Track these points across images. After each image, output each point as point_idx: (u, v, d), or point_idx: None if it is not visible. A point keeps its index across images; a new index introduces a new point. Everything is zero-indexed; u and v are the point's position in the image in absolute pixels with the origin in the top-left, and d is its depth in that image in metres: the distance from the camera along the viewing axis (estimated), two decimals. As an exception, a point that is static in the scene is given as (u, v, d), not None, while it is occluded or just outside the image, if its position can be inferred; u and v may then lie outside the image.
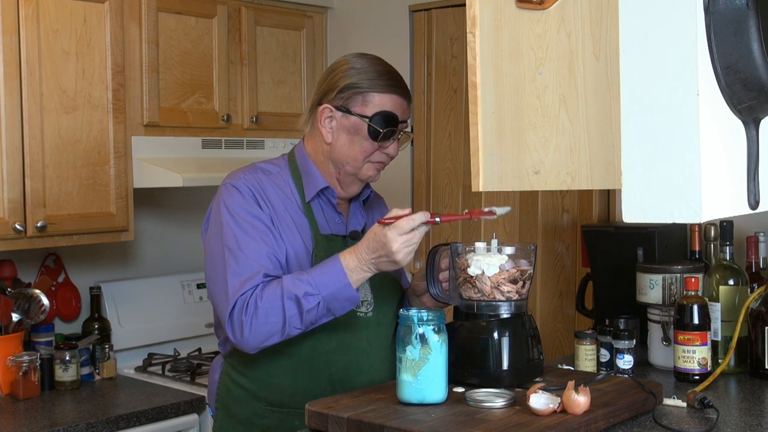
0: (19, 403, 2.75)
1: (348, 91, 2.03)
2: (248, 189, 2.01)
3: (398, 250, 1.83)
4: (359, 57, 2.10)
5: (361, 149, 2.04)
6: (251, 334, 1.90)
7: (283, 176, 2.09)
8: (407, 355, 1.77)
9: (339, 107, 2.04)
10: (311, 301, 1.87)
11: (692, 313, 2.24)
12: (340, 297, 1.88)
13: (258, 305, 1.89)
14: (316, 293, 1.87)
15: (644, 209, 1.38)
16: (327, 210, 2.10)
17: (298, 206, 2.06)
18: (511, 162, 1.60)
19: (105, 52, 2.92)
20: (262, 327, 1.89)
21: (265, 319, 1.88)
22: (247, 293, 1.91)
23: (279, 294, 1.88)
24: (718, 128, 1.38)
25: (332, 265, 1.89)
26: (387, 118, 2.03)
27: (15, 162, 2.71)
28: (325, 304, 1.88)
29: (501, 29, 1.59)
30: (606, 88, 1.48)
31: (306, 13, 3.65)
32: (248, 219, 1.98)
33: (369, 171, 2.08)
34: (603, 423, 1.74)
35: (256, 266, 1.93)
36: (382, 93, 2.03)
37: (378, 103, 2.03)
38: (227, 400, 2.09)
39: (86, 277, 3.27)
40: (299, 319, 1.88)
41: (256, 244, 1.96)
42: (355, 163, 2.05)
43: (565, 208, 3.20)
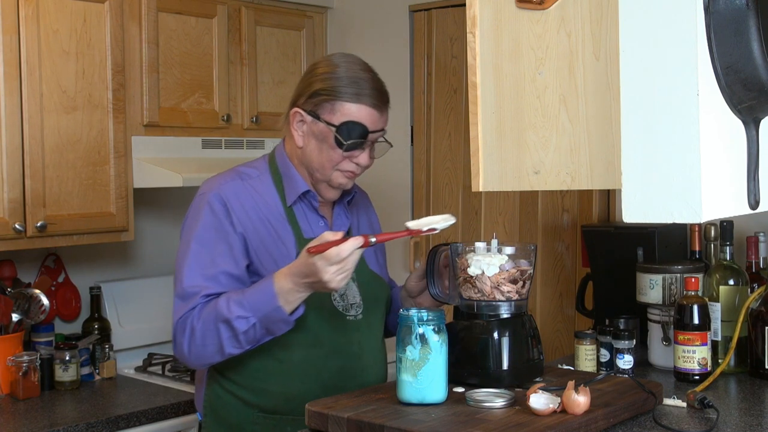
0: (19, 403, 2.75)
1: (318, 97, 1.98)
2: (221, 202, 1.97)
3: (330, 280, 1.78)
4: (339, 59, 2.03)
5: (329, 158, 1.99)
6: (191, 355, 1.93)
7: (263, 180, 2.05)
8: (407, 355, 1.77)
9: (309, 112, 1.99)
10: (243, 324, 1.86)
11: (692, 313, 2.24)
12: (274, 319, 1.86)
13: (195, 328, 1.90)
14: (249, 316, 1.86)
15: (644, 209, 1.38)
16: (309, 214, 2.06)
17: (280, 211, 2.02)
18: (511, 162, 1.60)
19: (105, 52, 2.92)
20: (200, 349, 1.91)
21: (202, 341, 1.90)
22: (185, 315, 1.92)
23: (213, 317, 1.88)
24: (718, 128, 1.38)
25: (265, 286, 1.86)
26: (354, 129, 1.96)
27: (15, 162, 2.71)
28: (262, 326, 1.87)
29: (501, 29, 1.59)
30: (606, 88, 1.48)
31: (306, 13, 3.65)
32: (206, 235, 1.96)
33: (339, 179, 2.02)
34: (603, 423, 1.74)
35: (196, 288, 1.93)
36: (351, 102, 1.96)
37: (346, 113, 1.96)
38: (216, 405, 2.06)
39: (86, 277, 3.27)
40: (236, 341, 1.88)
41: (203, 264, 1.94)
42: (324, 171, 2.00)
43: (565, 208, 3.20)
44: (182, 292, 1.95)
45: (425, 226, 1.81)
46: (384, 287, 2.16)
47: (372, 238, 1.80)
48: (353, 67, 2.00)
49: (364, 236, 1.80)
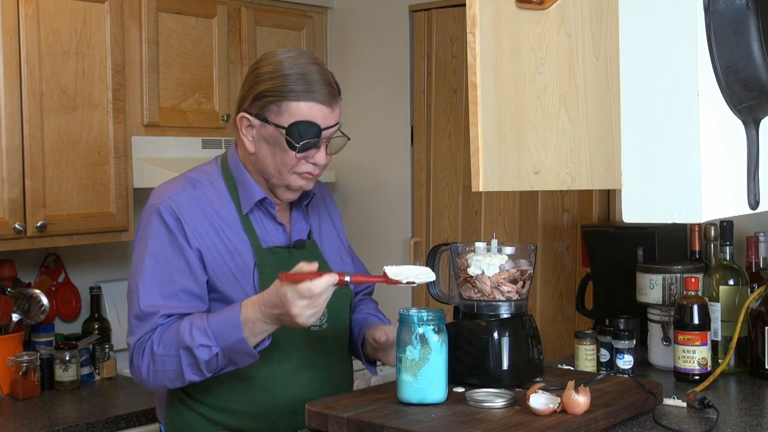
0: (19, 403, 2.75)
1: (263, 99, 1.86)
2: (172, 214, 1.86)
3: (299, 314, 1.68)
4: (282, 54, 1.90)
5: (283, 161, 1.87)
6: (149, 378, 1.84)
7: (216, 187, 1.94)
8: (407, 355, 1.76)
9: (256, 115, 1.87)
10: (205, 353, 1.76)
11: (692, 313, 2.24)
12: (238, 351, 1.76)
13: (155, 351, 1.81)
14: (212, 345, 1.76)
15: (644, 209, 1.38)
16: (266, 221, 1.95)
17: (235, 220, 1.91)
18: (511, 162, 1.60)
19: (105, 52, 2.92)
20: (160, 374, 1.82)
21: (162, 367, 1.81)
22: (144, 337, 1.83)
23: (174, 343, 1.79)
24: (718, 128, 1.38)
25: (231, 315, 1.77)
26: (305, 128, 1.84)
27: (15, 162, 2.71)
28: (224, 356, 1.77)
29: (501, 29, 1.59)
30: (606, 88, 1.48)
31: (306, 13, 3.65)
32: (161, 251, 1.85)
33: (298, 181, 1.91)
34: (603, 423, 1.74)
35: (154, 308, 1.83)
36: (299, 101, 1.84)
37: (294, 112, 1.84)
38: (178, 422, 1.97)
39: (86, 277, 3.27)
40: (196, 369, 1.79)
41: (160, 282, 1.84)
42: (280, 175, 1.89)
43: (565, 208, 3.20)
44: (139, 313, 1.84)
45: (405, 278, 1.73)
46: (348, 292, 2.05)
47: (347, 277, 1.72)
48: (297, 61, 1.87)
49: (339, 274, 1.70)
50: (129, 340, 1.88)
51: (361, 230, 3.68)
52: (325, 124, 1.87)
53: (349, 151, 3.75)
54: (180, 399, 1.96)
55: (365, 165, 3.71)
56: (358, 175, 3.71)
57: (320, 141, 1.87)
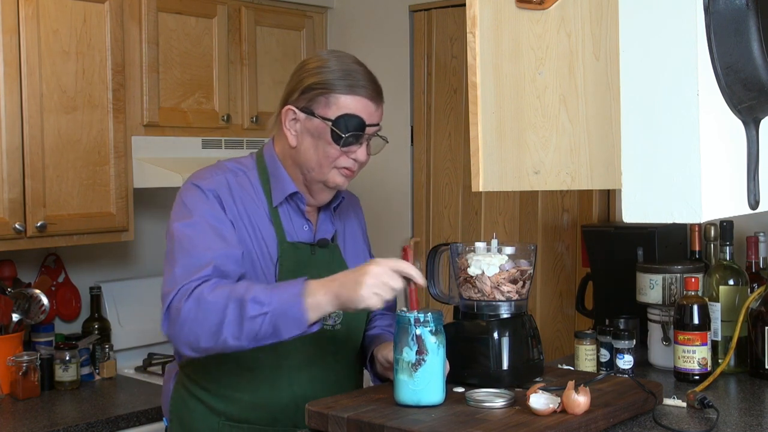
0: (19, 403, 2.75)
1: (311, 92, 1.89)
2: (212, 191, 1.89)
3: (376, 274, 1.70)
4: (329, 54, 1.96)
5: (325, 154, 1.90)
6: (185, 323, 1.75)
7: (250, 178, 1.96)
8: (404, 356, 1.75)
9: (302, 108, 1.91)
10: (256, 308, 1.71)
11: (692, 313, 2.24)
12: (290, 315, 1.71)
13: (204, 295, 1.74)
14: (266, 302, 1.71)
15: (644, 209, 1.38)
16: (294, 216, 1.97)
17: (265, 211, 1.94)
18: (511, 162, 1.60)
19: (105, 52, 2.92)
20: (198, 322, 1.74)
21: (204, 315, 1.73)
22: (192, 283, 1.76)
23: (227, 293, 1.73)
24: (718, 128, 1.38)
25: (294, 281, 1.76)
26: (351, 122, 1.89)
27: (15, 162, 2.71)
28: (272, 320, 1.71)
29: (501, 29, 1.59)
30: (606, 88, 1.48)
31: (306, 13, 3.65)
32: (206, 218, 1.86)
33: (336, 178, 1.94)
34: (603, 423, 1.74)
35: (205, 259, 1.80)
36: (347, 94, 1.89)
37: (342, 105, 1.88)
38: (182, 411, 2.00)
39: (86, 277, 3.27)
40: (238, 327, 1.72)
41: (209, 241, 1.83)
42: (321, 169, 1.92)
43: (565, 208, 3.20)
44: (189, 264, 1.80)
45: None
46: None
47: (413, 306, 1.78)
48: (345, 60, 1.94)
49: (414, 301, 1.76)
50: (169, 287, 1.80)
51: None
52: (370, 121, 1.93)
53: (349, 151, 3.78)
54: (185, 387, 1.99)
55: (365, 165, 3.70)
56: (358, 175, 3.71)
57: (363, 136, 1.92)
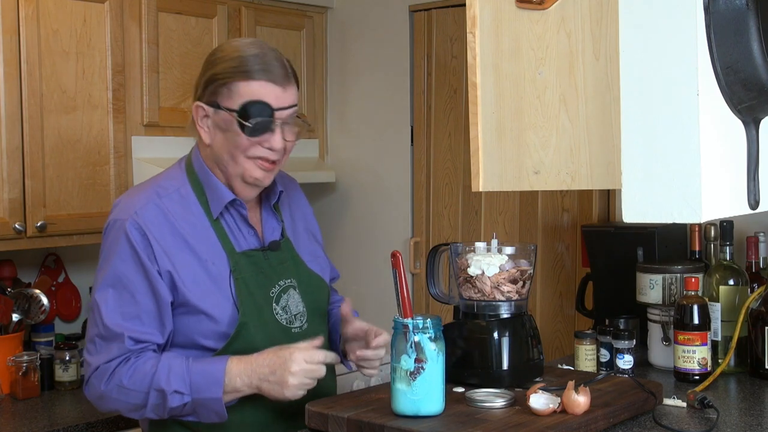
0: (19, 403, 2.75)
1: (213, 84, 1.81)
2: (139, 231, 1.78)
3: (295, 373, 1.72)
4: (234, 42, 1.87)
5: (236, 146, 1.80)
6: (103, 401, 1.81)
7: (182, 193, 1.86)
8: (402, 364, 1.69)
9: (209, 103, 1.82)
10: (177, 400, 1.74)
11: (692, 313, 2.24)
12: (209, 407, 1.75)
13: (122, 383, 1.76)
14: (185, 393, 1.74)
15: (644, 209, 1.38)
16: (238, 224, 1.88)
17: (205, 227, 1.84)
18: (511, 162, 1.60)
19: (105, 52, 2.92)
20: (117, 403, 1.79)
21: (125, 398, 1.77)
22: (111, 363, 1.77)
23: (147, 381, 1.74)
24: (718, 128, 1.38)
25: (214, 372, 1.74)
26: (255, 108, 1.77)
27: (15, 162, 2.71)
28: (192, 407, 1.75)
29: (501, 29, 1.59)
30: (606, 88, 1.48)
31: (306, 13, 3.65)
32: (125, 270, 1.79)
33: (254, 172, 1.83)
34: (603, 423, 1.74)
35: (119, 327, 1.77)
36: (246, 80, 1.78)
37: (243, 93, 1.78)
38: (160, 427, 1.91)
39: (86, 277, 3.27)
40: (161, 410, 1.76)
41: (123, 302, 1.78)
42: (234, 162, 1.82)
43: (565, 208, 3.20)
44: (103, 332, 1.78)
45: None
46: (324, 289, 2.01)
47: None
48: (247, 46, 1.82)
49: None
50: (90, 360, 1.80)
51: (360, 230, 3.68)
52: (278, 104, 1.80)
53: (349, 150, 3.78)
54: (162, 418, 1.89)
55: (365, 165, 3.71)
56: (358, 175, 3.71)
57: (273, 122, 1.80)
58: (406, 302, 1.77)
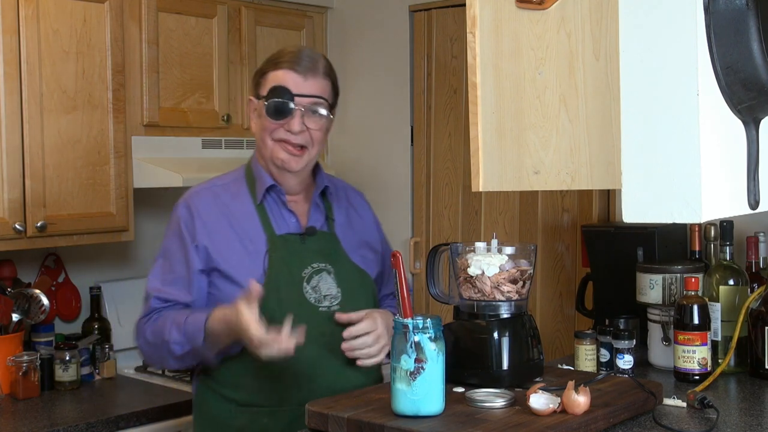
0: (19, 403, 2.75)
1: (255, 78, 2.12)
2: (188, 211, 2.08)
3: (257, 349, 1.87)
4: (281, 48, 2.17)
5: (264, 128, 2.07)
6: (146, 357, 2.17)
7: (237, 185, 2.14)
8: (401, 364, 1.70)
9: (255, 96, 2.12)
10: (178, 349, 2.01)
11: (692, 313, 2.24)
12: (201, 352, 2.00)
13: (147, 338, 2.07)
14: (184, 342, 2.00)
15: (644, 209, 1.38)
16: (279, 209, 2.11)
17: (251, 212, 2.08)
18: (511, 162, 1.60)
19: (105, 52, 2.92)
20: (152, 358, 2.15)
21: (154, 352, 2.08)
22: (142, 320, 2.09)
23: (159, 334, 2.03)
24: (718, 128, 1.38)
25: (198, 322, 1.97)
26: (276, 92, 2.04)
27: (15, 162, 2.71)
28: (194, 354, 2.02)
29: (501, 29, 1.59)
30: (606, 88, 1.48)
31: (306, 13, 3.65)
32: (170, 244, 2.10)
33: (279, 153, 2.06)
34: (603, 423, 1.74)
35: (154, 291, 2.08)
36: (273, 70, 2.07)
37: (269, 80, 2.06)
38: (203, 405, 2.13)
39: (86, 277, 3.27)
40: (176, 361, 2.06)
41: (163, 270, 2.09)
42: (264, 144, 2.08)
43: (565, 208, 3.20)
44: (145, 293, 2.11)
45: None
46: (366, 280, 2.16)
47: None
48: (286, 46, 2.17)
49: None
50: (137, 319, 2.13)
51: (361, 230, 3.67)
52: (297, 91, 2.04)
53: (349, 150, 3.78)
54: (203, 381, 2.12)
55: (365, 165, 3.71)
56: (358, 174, 3.71)
57: (290, 106, 2.03)
58: (406, 302, 1.77)
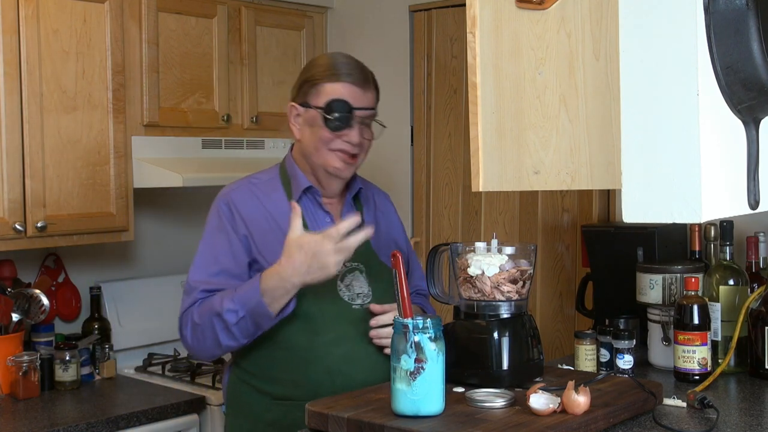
0: (19, 403, 2.75)
1: (305, 86, 2.13)
2: (227, 206, 2.12)
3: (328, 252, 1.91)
4: (323, 54, 2.20)
5: (320, 138, 2.10)
6: (194, 347, 2.09)
7: (272, 184, 2.18)
8: (401, 364, 1.70)
9: (301, 103, 2.13)
10: (233, 316, 1.99)
11: (692, 313, 2.24)
12: (259, 313, 1.98)
13: (195, 321, 2.05)
14: (238, 309, 1.98)
15: (644, 209, 1.38)
16: (314, 210, 2.15)
17: (286, 210, 2.09)
18: (511, 162, 1.60)
19: (105, 52, 2.92)
20: (201, 342, 2.06)
21: (202, 335, 2.04)
22: (188, 310, 2.08)
23: (208, 311, 2.02)
24: (718, 128, 1.38)
25: (252, 281, 2.00)
26: (337, 105, 2.08)
27: (15, 162, 2.71)
28: (251, 320, 1.99)
29: (501, 29, 1.59)
30: (606, 88, 1.48)
31: (306, 13, 3.65)
32: (212, 236, 2.12)
33: (334, 162, 2.11)
34: (603, 423, 1.74)
35: (197, 283, 2.08)
36: (333, 82, 2.09)
37: (328, 92, 2.09)
38: (236, 397, 2.16)
39: (86, 277, 3.27)
40: (229, 333, 2.01)
41: (206, 262, 2.10)
42: (318, 153, 2.11)
43: (565, 208, 3.20)
44: (187, 287, 2.10)
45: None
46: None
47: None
48: (334, 55, 2.18)
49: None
50: (179, 315, 2.12)
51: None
52: (357, 104, 2.10)
53: (349, 151, 3.77)
54: (236, 373, 2.16)
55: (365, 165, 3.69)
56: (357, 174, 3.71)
57: (351, 118, 2.09)
58: (406, 302, 1.78)
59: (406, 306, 1.78)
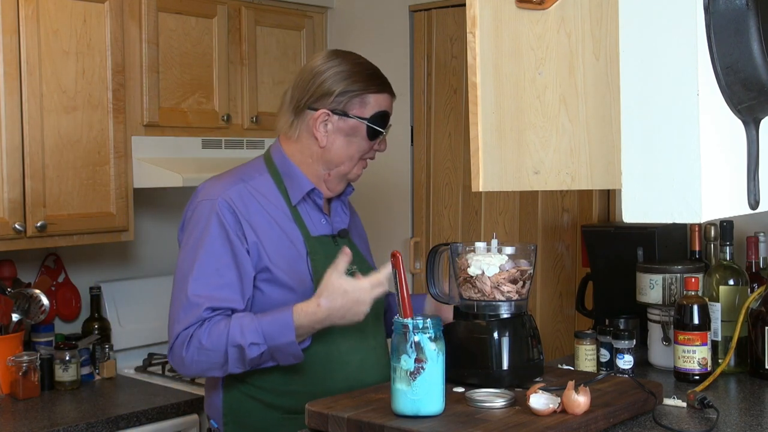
0: (19, 403, 2.75)
1: (345, 96, 2.05)
2: (228, 209, 1.98)
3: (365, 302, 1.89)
4: (340, 58, 2.10)
5: (358, 149, 2.07)
6: (190, 367, 1.96)
7: (265, 182, 2.07)
8: (402, 364, 1.70)
9: (336, 111, 2.05)
10: (255, 350, 1.90)
11: (692, 313, 2.24)
12: (285, 352, 1.92)
13: (203, 344, 1.92)
14: (262, 343, 1.90)
15: (644, 209, 1.38)
16: (313, 212, 2.10)
17: (285, 211, 2.05)
18: (511, 162, 1.60)
19: (105, 52, 2.92)
20: (203, 364, 1.94)
21: (207, 359, 1.93)
22: (190, 329, 1.93)
23: (224, 340, 1.90)
24: (718, 128, 1.38)
25: (283, 319, 1.90)
26: (383, 118, 2.09)
27: (15, 162, 2.71)
28: (270, 354, 1.92)
29: (501, 29, 1.59)
30: (606, 88, 1.48)
31: (306, 13, 3.65)
32: (214, 246, 1.97)
33: (359, 170, 2.12)
34: (603, 423, 1.74)
35: (201, 299, 1.94)
36: (377, 93, 2.08)
37: (374, 104, 2.07)
38: (239, 412, 2.06)
39: (86, 277, 3.27)
40: (241, 364, 1.93)
41: (208, 275, 1.95)
42: (351, 162, 2.08)
43: (565, 208, 3.20)
44: (185, 302, 1.95)
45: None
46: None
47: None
48: (359, 61, 2.11)
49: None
50: (174, 329, 1.96)
51: (361, 230, 3.68)
52: (391, 113, 2.13)
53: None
54: (237, 388, 2.05)
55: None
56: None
57: (388, 128, 2.12)
58: (406, 302, 1.78)
59: (406, 306, 1.78)
